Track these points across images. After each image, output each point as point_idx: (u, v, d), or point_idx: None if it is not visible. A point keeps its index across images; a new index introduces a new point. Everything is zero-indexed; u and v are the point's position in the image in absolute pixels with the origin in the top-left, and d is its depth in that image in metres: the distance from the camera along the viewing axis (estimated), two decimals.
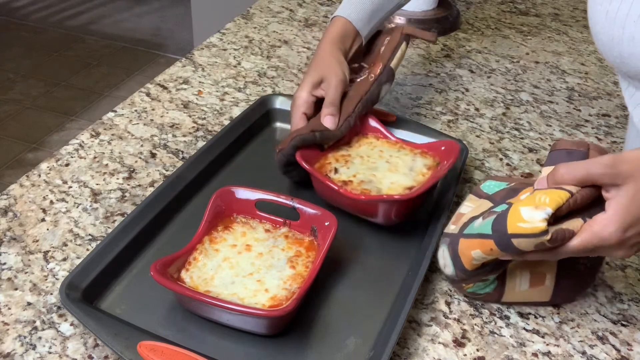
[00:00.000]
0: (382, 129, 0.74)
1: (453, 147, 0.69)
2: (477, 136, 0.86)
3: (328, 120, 0.69)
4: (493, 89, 0.97)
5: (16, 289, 0.59)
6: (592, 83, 1.01)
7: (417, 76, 1.00)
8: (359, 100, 0.72)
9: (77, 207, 0.69)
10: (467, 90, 0.97)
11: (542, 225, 0.47)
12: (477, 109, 0.92)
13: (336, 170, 0.68)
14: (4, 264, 0.61)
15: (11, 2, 3.40)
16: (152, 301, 0.57)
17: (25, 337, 0.54)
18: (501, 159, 0.81)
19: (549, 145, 0.84)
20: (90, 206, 0.69)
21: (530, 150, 0.83)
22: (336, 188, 0.63)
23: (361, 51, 0.79)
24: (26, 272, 0.60)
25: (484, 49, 1.10)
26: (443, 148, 0.70)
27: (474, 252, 0.53)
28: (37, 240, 0.64)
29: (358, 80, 0.74)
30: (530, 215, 0.48)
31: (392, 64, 0.75)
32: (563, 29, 1.19)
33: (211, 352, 0.51)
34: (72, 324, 0.56)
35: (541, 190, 0.50)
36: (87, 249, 0.63)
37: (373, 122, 0.75)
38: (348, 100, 0.72)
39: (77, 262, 0.60)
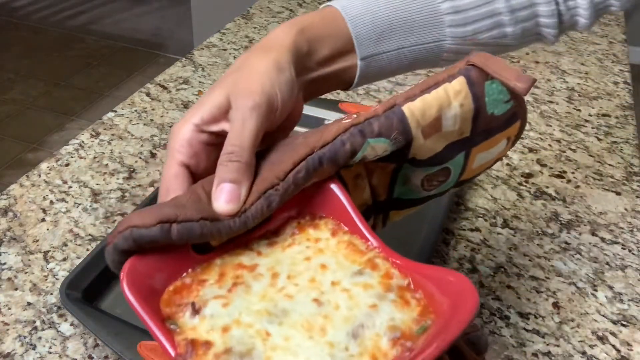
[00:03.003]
0: (352, 212, 0.36)
1: (466, 290, 0.29)
2: None
3: (223, 193, 0.34)
4: None
5: (16, 289, 0.59)
6: (592, 83, 1.01)
7: (418, 76, 1.00)
8: (304, 155, 0.35)
9: (77, 207, 0.69)
10: None
11: None
12: None
13: (195, 310, 0.31)
14: (4, 264, 0.61)
15: (11, 2, 3.40)
16: None
17: (25, 337, 0.54)
18: (501, 159, 0.81)
19: (549, 145, 0.84)
20: (90, 206, 0.69)
21: (530, 150, 0.83)
22: (171, 356, 0.29)
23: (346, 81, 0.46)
24: (26, 272, 0.60)
25: None
26: (455, 285, 0.30)
27: None
28: (37, 240, 0.64)
29: (326, 122, 0.38)
30: None
31: (411, 107, 0.36)
32: None
33: None
34: (72, 324, 0.56)
35: None
36: (87, 249, 0.63)
37: (337, 191, 0.36)
38: (282, 152, 0.36)
39: (77, 262, 0.60)
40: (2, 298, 0.58)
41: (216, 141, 0.38)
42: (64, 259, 0.62)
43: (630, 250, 0.67)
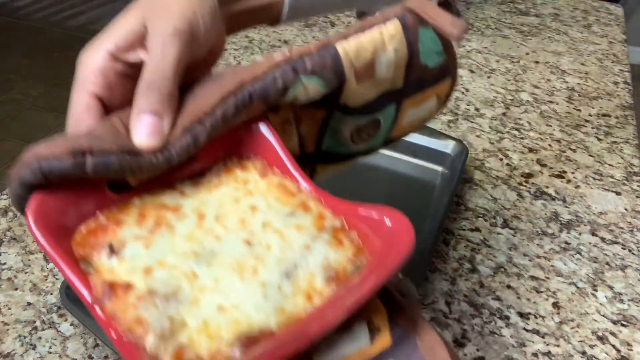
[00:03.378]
0: (282, 153, 0.35)
1: (403, 229, 0.29)
2: (477, 136, 0.86)
3: (143, 126, 0.31)
4: (493, 89, 0.97)
5: (16, 289, 0.59)
6: (592, 83, 1.01)
7: None
8: (233, 89, 0.32)
9: None
10: (467, 90, 0.97)
11: None
12: (477, 109, 0.92)
13: (113, 251, 0.29)
14: (4, 264, 0.61)
15: (11, 2, 3.41)
16: None
17: (25, 337, 0.54)
18: (501, 159, 0.81)
19: (549, 145, 0.84)
20: None
21: (530, 150, 0.83)
22: (86, 300, 0.27)
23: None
24: (26, 272, 0.60)
25: (484, 49, 1.10)
26: (390, 224, 0.30)
27: None
28: None
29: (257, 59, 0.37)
30: None
31: (345, 47, 0.35)
32: (563, 29, 1.19)
33: None
34: (72, 324, 0.56)
35: None
36: None
37: (265, 132, 0.35)
38: (209, 86, 0.33)
39: None
40: (2, 298, 0.58)
41: (131, 72, 0.34)
42: None
43: (630, 250, 0.67)
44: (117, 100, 0.34)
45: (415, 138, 0.76)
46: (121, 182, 0.31)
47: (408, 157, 0.77)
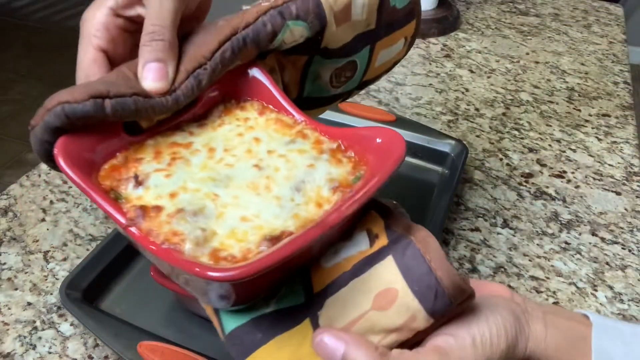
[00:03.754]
0: (276, 92, 0.38)
1: (394, 142, 0.33)
2: (477, 136, 0.86)
3: (151, 72, 0.34)
4: (493, 89, 0.97)
5: (16, 289, 0.59)
6: (592, 83, 1.01)
7: (417, 76, 1.00)
8: (229, 35, 0.36)
9: (77, 207, 0.69)
10: (467, 90, 0.97)
11: None
12: (477, 109, 0.92)
13: (138, 181, 0.32)
14: (4, 264, 0.61)
15: (11, 2, 3.41)
16: (152, 301, 0.57)
17: (25, 337, 0.54)
18: (501, 159, 0.81)
19: (549, 145, 0.84)
20: (90, 206, 0.69)
21: (530, 150, 0.83)
22: (121, 222, 0.30)
23: None
24: (26, 272, 0.60)
25: (484, 49, 1.10)
26: (379, 141, 0.34)
27: None
28: (37, 240, 0.64)
29: (244, 8, 0.39)
30: None
31: None
32: (563, 29, 1.19)
33: (211, 353, 0.51)
34: (72, 324, 0.56)
35: None
36: (87, 249, 0.63)
37: (259, 75, 0.38)
38: (206, 33, 0.36)
39: (77, 262, 0.60)
40: (2, 298, 0.58)
41: (132, 28, 0.37)
42: (64, 259, 0.62)
43: (630, 250, 0.67)
44: (119, 54, 0.37)
45: (415, 138, 0.76)
46: (134, 125, 0.35)
47: (408, 157, 0.77)
